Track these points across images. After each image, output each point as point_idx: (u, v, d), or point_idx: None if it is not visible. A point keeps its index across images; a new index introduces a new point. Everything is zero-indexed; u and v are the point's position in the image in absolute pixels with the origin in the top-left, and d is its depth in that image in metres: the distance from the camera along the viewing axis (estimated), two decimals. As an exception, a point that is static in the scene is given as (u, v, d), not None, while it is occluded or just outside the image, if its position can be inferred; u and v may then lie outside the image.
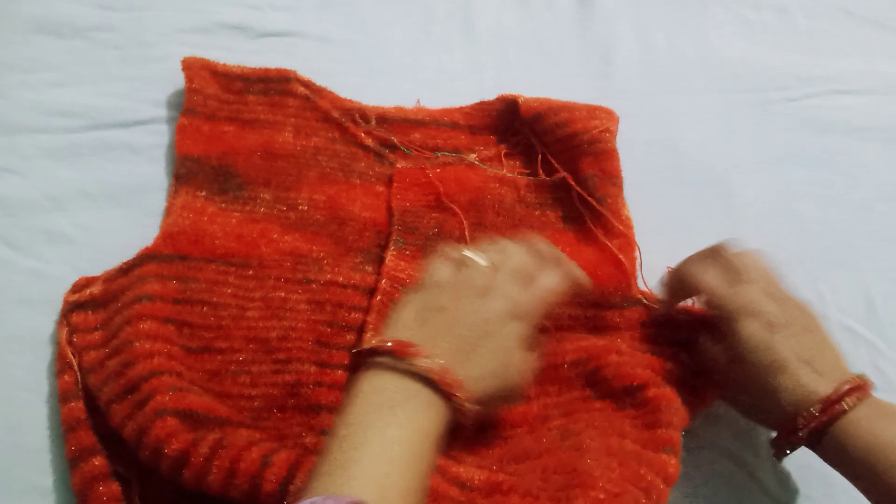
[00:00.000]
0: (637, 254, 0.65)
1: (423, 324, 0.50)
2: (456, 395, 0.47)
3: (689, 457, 0.59)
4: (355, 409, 0.45)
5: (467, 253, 0.53)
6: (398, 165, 0.68)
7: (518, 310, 0.51)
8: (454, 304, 0.50)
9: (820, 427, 0.51)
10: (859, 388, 0.51)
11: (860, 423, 0.50)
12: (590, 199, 0.67)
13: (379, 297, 0.60)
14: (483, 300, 0.51)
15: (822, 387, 0.51)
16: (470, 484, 0.49)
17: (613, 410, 0.56)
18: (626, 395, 0.56)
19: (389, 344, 0.47)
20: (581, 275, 0.57)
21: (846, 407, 0.50)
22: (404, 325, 0.50)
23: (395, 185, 0.67)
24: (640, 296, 0.63)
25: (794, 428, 0.52)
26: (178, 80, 0.69)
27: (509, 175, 0.69)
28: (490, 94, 0.73)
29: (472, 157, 0.69)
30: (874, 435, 0.50)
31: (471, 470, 0.50)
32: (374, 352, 0.48)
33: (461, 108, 0.73)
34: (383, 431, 0.44)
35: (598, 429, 0.54)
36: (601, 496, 0.47)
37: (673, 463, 0.51)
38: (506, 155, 0.70)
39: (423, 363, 0.46)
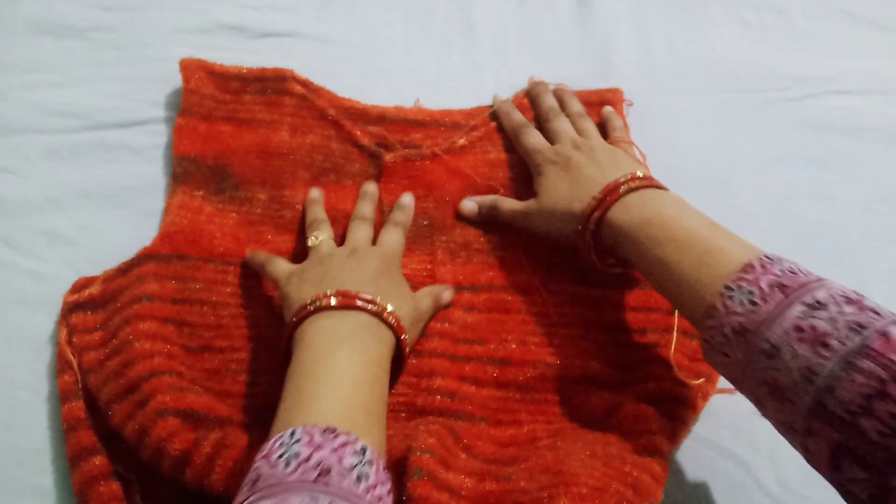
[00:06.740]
0: None
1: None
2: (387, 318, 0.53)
3: (687, 456, 0.59)
4: (308, 353, 0.49)
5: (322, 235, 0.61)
6: (387, 159, 0.68)
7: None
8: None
9: (602, 214, 0.56)
10: (633, 178, 0.57)
11: (631, 203, 0.55)
12: None
13: None
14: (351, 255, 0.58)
15: (602, 178, 0.58)
16: (459, 491, 0.49)
17: (601, 433, 0.56)
18: (607, 418, 0.57)
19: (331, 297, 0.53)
20: None
21: (621, 191, 0.56)
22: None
23: (384, 178, 0.67)
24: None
25: (585, 219, 0.57)
26: (178, 81, 0.69)
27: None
28: (490, 95, 0.73)
29: (462, 140, 0.70)
30: (640, 211, 0.55)
31: (459, 477, 0.50)
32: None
33: (462, 110, 0.72)
34: (336, 363, 0.48)
35: (584, 441, 0.54)
36: (583, 491, 0.47)
37: (659, 463, 0.51)
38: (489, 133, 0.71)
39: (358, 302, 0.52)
